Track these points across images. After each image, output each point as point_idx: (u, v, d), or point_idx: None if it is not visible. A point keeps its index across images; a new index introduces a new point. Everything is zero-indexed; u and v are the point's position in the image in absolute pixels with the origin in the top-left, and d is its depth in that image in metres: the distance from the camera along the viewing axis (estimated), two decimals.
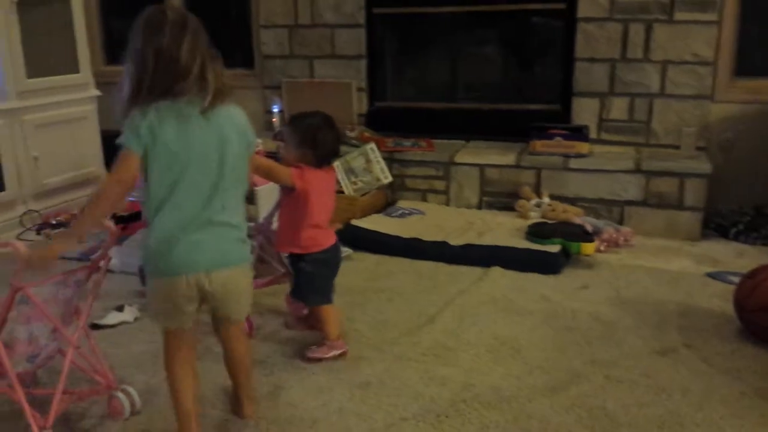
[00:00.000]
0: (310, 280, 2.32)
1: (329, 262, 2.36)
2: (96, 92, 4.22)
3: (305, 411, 2.04)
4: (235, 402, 2.04)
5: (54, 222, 3.79)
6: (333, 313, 2.37)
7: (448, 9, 4.23)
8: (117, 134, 1.69)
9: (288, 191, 2.26)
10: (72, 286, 1.87)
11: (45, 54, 3.89)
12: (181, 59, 1.66)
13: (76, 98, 4.07)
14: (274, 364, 2.31)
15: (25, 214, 3.78)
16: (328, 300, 2.37)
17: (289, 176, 2.22)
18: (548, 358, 2.34)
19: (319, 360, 2.30)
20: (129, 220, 3.51)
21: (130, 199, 3.10)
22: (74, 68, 4.09)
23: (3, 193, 3.68)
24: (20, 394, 1.79)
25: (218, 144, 1.72)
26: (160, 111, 1.67)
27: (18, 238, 3.59)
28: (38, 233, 3.71)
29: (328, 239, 2.34)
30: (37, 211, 3.84)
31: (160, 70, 1.67)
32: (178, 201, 1.70)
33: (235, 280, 1.81)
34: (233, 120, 1.77)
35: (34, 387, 2.04)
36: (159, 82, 1.67)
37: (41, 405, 1.94)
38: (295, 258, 2.35)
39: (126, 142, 1.67)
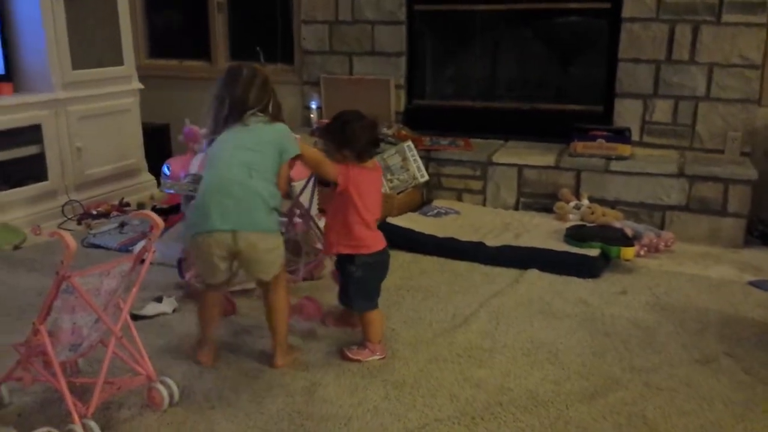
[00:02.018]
0: (359, 284, 2.31)
1: (379, 266, 2.35)
2: (139, 85, 4.28)
3: (340, 408, 2.04)
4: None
5: (95, 212, 3.85)
6: (378, 318, 2.36)
7: (490, 7, 4.19)
8: (158, 127, 1.91)
9: (333, 188, 2.27)
10: (116, 276, 1.89)
11: (90, 46, 3.96)
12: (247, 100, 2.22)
13: (119, 90, 4.13)
14: (309, 360, 2.31)
15: (66, 204, 3.85)
16: (375, 305, 2.36)
17: (335, 173, 2.23)
18: (586, 363, 2.31)
19: (359, 362, 2.30)
20: (168, 213, 3.56)
21: (169, 191, 3.12)
22: (118, 61, 4.14)
23: (46, 182, 3.76)
24: (62, 383, 1.82)
25: (256, 141, 2.19)
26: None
27: (59, 227, 3.66)
28: (79, 223, 3.77)
29: (378, 242, 2.32)
30: (78, 202, 3.90)
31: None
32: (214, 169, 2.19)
33: (258, 243, 2.13)
34: (275, 129, 2.24)
35: (76, 376, 2.08)
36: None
37: (82, 393, 1.97)
38: (344, 260, 2.32)
39: None
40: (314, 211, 3.24)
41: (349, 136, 2.24)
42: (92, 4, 3.98)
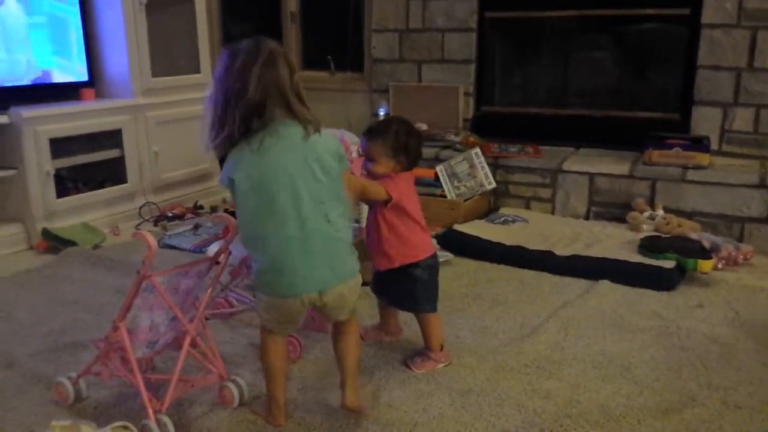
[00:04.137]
0: (426, 286, 2.30)
1: (436, 267, 2.34)
2: None
3: (405, 414, 2.04)
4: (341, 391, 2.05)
5: (170, 215, 3.97)
6: (439, 322, 2.35)
7: (561, 13, 4.14)
8: None
9: (382, 205, 2.23)
10: (194, 276, 1.94)
11: (169, 54, 4.10)
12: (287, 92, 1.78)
13: (195, 97, 4.24)
14: (375, 366, 2.31)
15: (144, 206, 3.99)
16: (436, 307, 2.35)
17: (384, 191, 2.19)
18: (660, 378, 2.24)
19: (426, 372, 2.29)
20: None
21: None
22: (195, 69, 4.27)
23: (125, 185, 3.90)
24: (138, 379, 1.87)
25: (314, 160, 1.83)
26: None
27: (136, 228, 3.79)
28: (155, 225, 3.90)
29: (431, 245, 2.33)
30: (155, 204, 4.04)
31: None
32: None
33: (345, 293, 1.89)
34: (329, 139, 1.89)
35: (151, 372, 2.14)
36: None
37: (157, 390, 2.04)
38: (404, 267, 2.29)
39: None
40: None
41: (411, 147, 2.23)
42: (172, 14, 4.12)
